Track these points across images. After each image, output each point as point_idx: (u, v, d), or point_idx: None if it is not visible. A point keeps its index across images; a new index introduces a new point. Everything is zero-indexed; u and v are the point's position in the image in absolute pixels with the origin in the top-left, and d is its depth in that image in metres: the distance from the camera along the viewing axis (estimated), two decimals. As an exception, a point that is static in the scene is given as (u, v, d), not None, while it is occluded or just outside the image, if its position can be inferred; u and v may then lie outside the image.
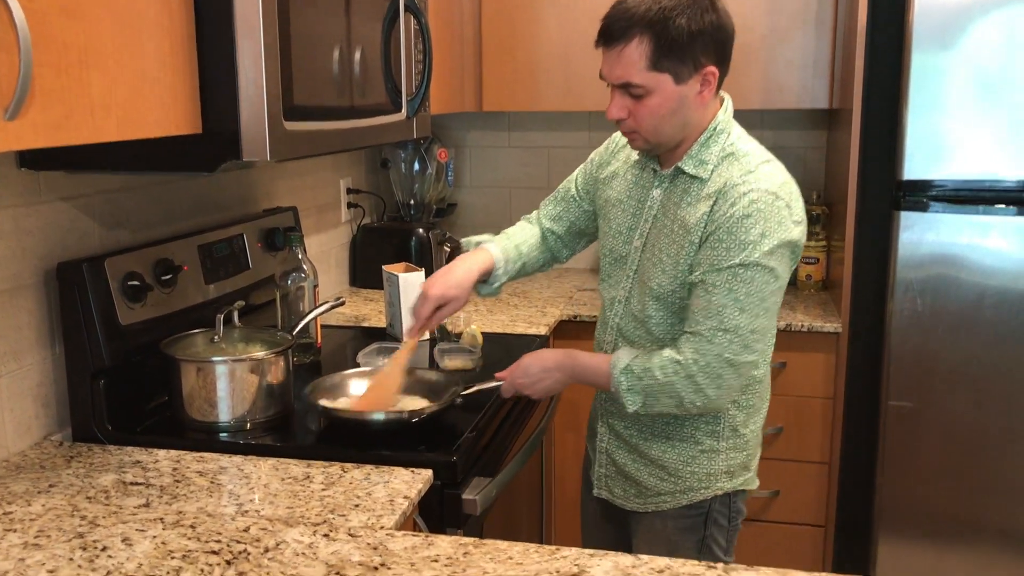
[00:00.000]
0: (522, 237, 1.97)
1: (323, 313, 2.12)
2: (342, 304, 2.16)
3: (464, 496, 1.64)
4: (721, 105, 1.70)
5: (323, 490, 1.52)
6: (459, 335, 2.37)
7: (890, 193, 2.59)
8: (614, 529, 2.01)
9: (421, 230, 3.08)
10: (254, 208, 2.46)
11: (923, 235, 2.53)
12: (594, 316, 2.76)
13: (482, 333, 2.32)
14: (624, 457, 1.84)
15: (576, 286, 3.13)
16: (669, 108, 1.62)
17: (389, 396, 1.85)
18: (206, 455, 1.68)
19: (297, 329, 2.03)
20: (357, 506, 1.46)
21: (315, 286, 2.20)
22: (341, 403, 1.85)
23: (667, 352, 1.65)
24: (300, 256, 2.17)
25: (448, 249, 3.14)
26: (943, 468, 2.63)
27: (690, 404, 1.65)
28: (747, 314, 1.60)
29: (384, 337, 2.47)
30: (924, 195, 2.52)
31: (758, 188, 1.60)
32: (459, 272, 1.82)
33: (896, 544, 2.70)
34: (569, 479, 2.70)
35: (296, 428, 1.85)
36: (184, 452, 1.69)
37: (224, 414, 1.78)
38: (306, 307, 2.18)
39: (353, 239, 3.17)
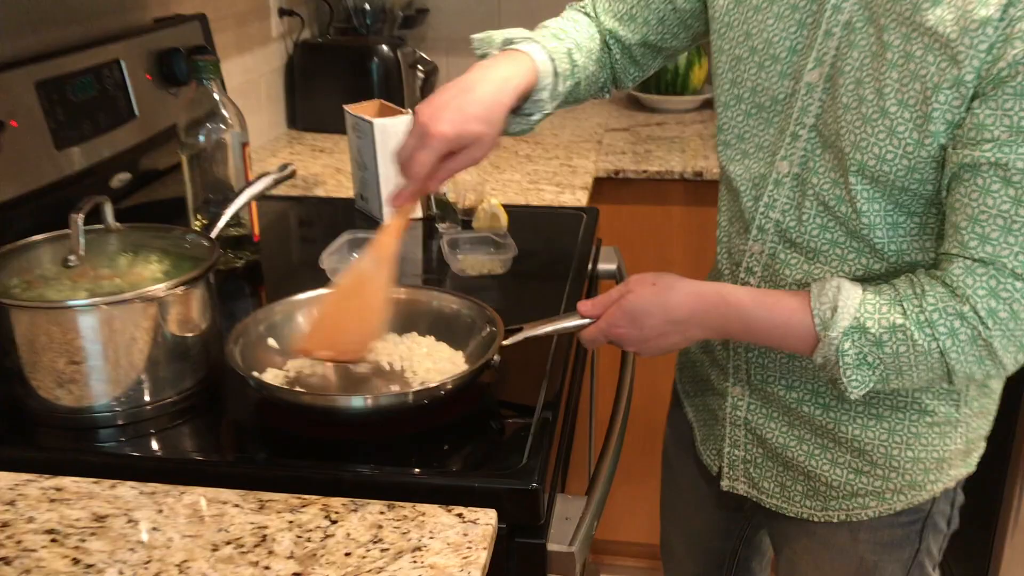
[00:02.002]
0: (573, 39, 1.15)
1: (265, 191, 1.29)
2: (292, 175, 1.33)
3: (552, 548, 0.90)
4: None
5: (297, 562, 0.77)
6: (468, 212, 1.57)
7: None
8: (735, 536, 1.33)
9: (385, 47, 2.20)
10: (137, 17, 1.56)
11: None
12: (645, 173, 1.96)
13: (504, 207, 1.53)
14: (786, 435, 1.12)
15: (602, 123, 2.31)
16: None
17: (366, 330, 1.03)
18: (65, 482, 0.91)
19: (221, 225, 1.21)
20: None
21: (244, 143, 1.36)
22: (298, 364, 1.07)
23: (931, 291, 0.90)
24: (216, 94, 1.32)
25: (422, 74, 2.29)
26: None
27: (964, 377, 0.91)
28: None
29: (354, 217, 1.65)
30: None
31: None
32: (484, 92, 1.00)
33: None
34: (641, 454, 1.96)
35: (232, 411, 1.07)
36: (22, 478, 0.91)
37: (98, 394, 0.98)
38: (231, 177, 1.35)
39: (289, 62, 2.28)
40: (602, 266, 1.56)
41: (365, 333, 1.03)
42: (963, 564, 2.09)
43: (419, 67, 2.27)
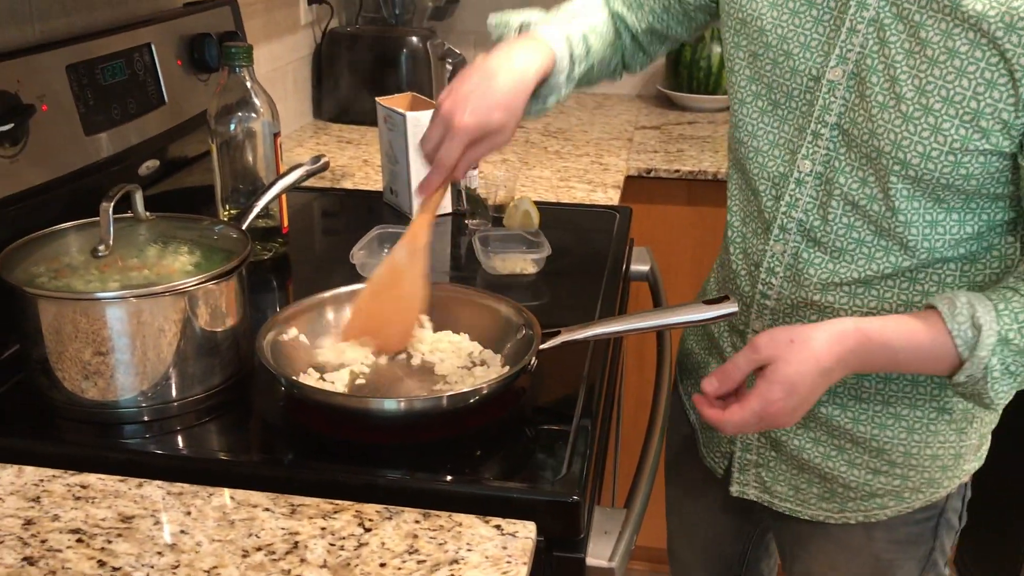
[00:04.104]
0: (588, 22, 1.14)
1: (297, 183, 1.26)
2: (325, 168, 1.29)
3: (591, 562, 0.87)
4: None
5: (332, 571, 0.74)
6: (499, 208, 1.54)
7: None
8: (743, 541, 1.32)
9: (415, 39, 2.16)
10: (167, 2, 1.54)
11: None
12: (677, 173, 1.93)
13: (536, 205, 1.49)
14: (801, 438, 1.10)
15: (632, 121, 2.27)
16: None
17: (406, 320, 1.05)
18: (90, 480, 0.88)
19: (252, 216, 1.18)
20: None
21: (276, 133, 1.33)
22: (328, 354, 1.04)
23: None
24: (248, 82, 1.29)
25: (450, 66, 2.25)
26: None
27: None
28: None
29: (383, 211, 1.62)
30: None
31: None
32: (505, 80, 0.99)
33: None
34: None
35: (261, 409, 1.04)
36: (46, 473, 0.88)
37: (124, 388, 0.96)
38: (261, 167, 1.32)
39: (317, 50, 2.25)
40: (635, 267, 1.52)
41: (405, 323, 1.05)
42: (983, 564, 2.06)
43: (448, 59, 2.23)
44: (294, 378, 0.97)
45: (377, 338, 1.04)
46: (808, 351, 0.90)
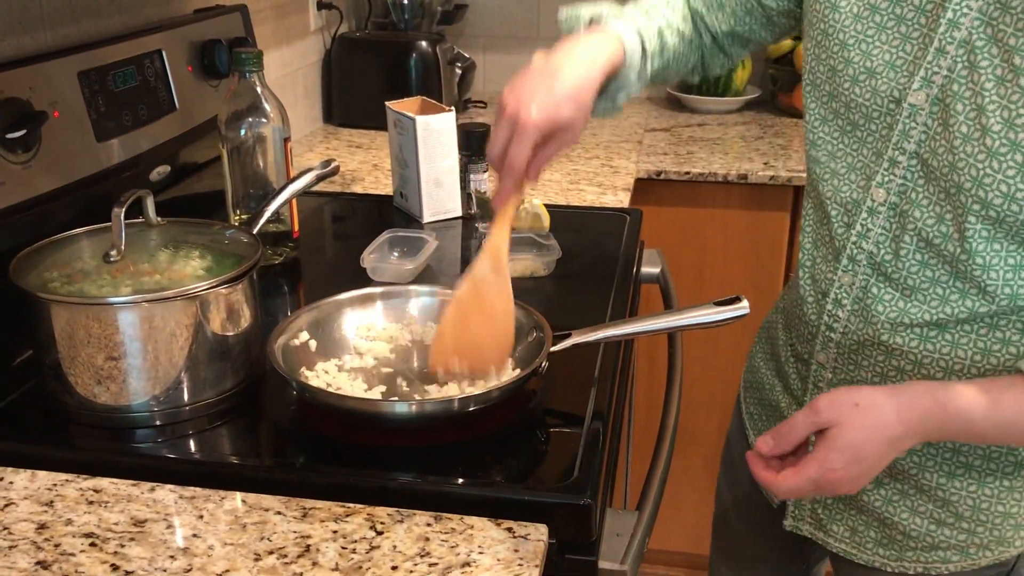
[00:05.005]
0: (664, 17, 1.10)
1: (308, 188, 1.26)
2: (335, 172, 1.30)
3: (603, 565, 0.87)
4: None
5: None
6: (509, 211, 1.53)
7: None
8: (789, 574, 1.27)
9: (424, 43, 2.17)
10: (178, 8, 1.54)
11: None
12: (688, 175, 1.92)
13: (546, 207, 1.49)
14: None
15: (641, 123, 2.27)
16: None
17: (500, 340, 1.00)
18: (103, 484, 0.88)
19: (263, 221, 1.19)
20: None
21: (286, 138, 1.33)
22: (356, 361, 1.04)
23: None
24: (258, 87, 1.30)
25: (459, 71, 2.26)
26: None
27: None
28: None
29: (393, 215, 1.62)
30: None
31: None
32: (572, 73, 0.95)
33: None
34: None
35: (273, 413, 1.05)
36: (59, 477, 0.89)
37: (136, 393, 0.96)
38: (271, 172, 1.33)
39: (327, 55, 2.26)
40: (645, 269, 1.52)
41: (500, 343, 0.99)
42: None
43: (457, 64, 2.24)
44: (305, 381, 0.97)
45: (469, 360, 0.98)
46: (875, 417, 0.83)
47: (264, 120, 1.30)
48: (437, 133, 1.50)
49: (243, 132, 1.30)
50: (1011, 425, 0.83)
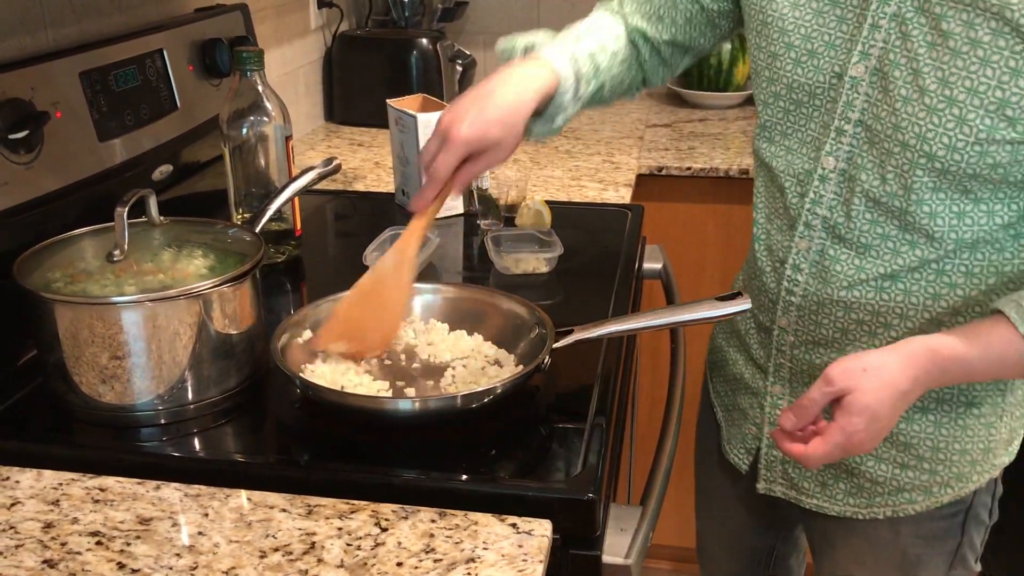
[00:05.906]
0: (597, 41, 1.13)
1: (310, 186, 1.26)
2: (337, 170, 1.30)
3: (607, 560, 0.87)
4: None
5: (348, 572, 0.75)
6: (511, 208, 1.54)
7: None
8: (772, 536, 1.33)
9: (424, 41, 2.17)
10: (178, 7, 1.55)
11: None
12: (689, 170, 1.92)
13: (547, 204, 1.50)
14: None
15: (642, 119, 2.27)
16: None
17: (384, 328, 1.04)
18: (109, 483, 0.88)
19: (265, 220, 1.19)
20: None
21: (287, 137, 1.34)
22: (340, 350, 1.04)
23: None
24: (259, 86, 1.30)
25: (460, 68, 2.26)
26: None
27: None
28: None
29: (395, 213, 1.63)
30: None
31: None
32: (504, 97, 1.00)
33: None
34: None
35: (277, 411, 1.05)
36: (65, 476, 0.89)
37: (141, 392, 0.96)
38: (273, 170, 1.33)
39: (327, 54, 2.26)
40: (647, 265, 1.52)
41: (385, 331, 1.05)
42: (1016, 561, 2.05)
43: (458, 61, 2.24)
44: (307, 378, 0.97)
45: (354, 343, 1.03)
46: (883, 377, 0.89)
47: (266, 119, 1.31)
48: (438, 130, 1.50)
49: (245, 131, 1.30)
50: (1003, 360, 0.90)
